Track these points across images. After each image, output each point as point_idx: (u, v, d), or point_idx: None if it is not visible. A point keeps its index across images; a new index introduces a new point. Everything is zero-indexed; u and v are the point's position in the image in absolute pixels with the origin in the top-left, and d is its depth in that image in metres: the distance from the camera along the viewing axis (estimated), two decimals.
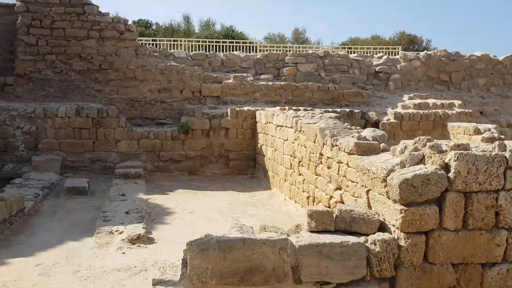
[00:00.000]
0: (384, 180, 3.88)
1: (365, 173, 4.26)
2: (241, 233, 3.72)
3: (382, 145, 6.72)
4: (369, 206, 4.21)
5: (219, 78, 14.32)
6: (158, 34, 30.86)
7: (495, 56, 15.79)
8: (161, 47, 16.00)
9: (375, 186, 4.07)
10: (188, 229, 7.59)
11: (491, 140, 11.43)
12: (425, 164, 3.86)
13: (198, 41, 19.47)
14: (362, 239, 3.66)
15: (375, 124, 13.26)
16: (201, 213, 8.80)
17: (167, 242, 6.88)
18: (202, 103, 13.98)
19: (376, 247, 3.58)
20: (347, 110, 13.37)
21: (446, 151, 3.88)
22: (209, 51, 16.95)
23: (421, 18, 67.83)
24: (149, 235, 7.10)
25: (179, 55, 14.95)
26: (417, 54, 15.95)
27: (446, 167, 3.75)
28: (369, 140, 6.90)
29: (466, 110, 13.43)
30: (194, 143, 12.77)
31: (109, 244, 6.63)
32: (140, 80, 13.73)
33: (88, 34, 13.46)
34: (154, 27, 36.09)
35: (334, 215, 3.85)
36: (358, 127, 8.30)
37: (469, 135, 11.66)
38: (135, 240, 6.74)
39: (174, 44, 18.36)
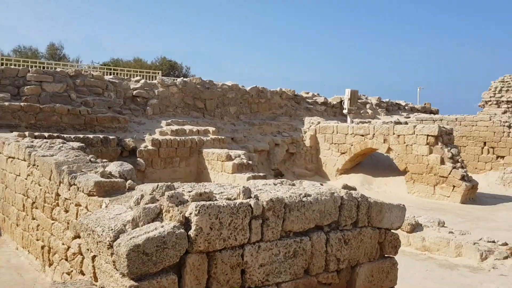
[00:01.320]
0: (111, 246, 2.98)
1: (89, 234, 3.27)
2: None
3: (129, 182, 5.85)
4: (95, 278, 3.24)
5: None
6: None
7: (243, 86, 16.98)
8: None
9: (101, 252, 3.13)
10: None
11: (241, 166, 11.98)
12: (162, 221, 3.13)
13: None
14: None
15: (133, 152, 12.45)
16: None
17: None
18: None
19: None
20: (101, 136, 12.19)
21: (188, 201, 3.24)
22: None
23: (183, 46, 71.25)
24: None
25: None
26: (174, 80, 15.87)
27: (187, 222, 3.09)
28: (115, 177, 5.95)
29: (220, 137, 13.84)
30: None
31: None
32: None
33: None
34: None
35: None
36: (105, 160, 7.22)
37: (222, 161, 11.93)
38: None
39: None
